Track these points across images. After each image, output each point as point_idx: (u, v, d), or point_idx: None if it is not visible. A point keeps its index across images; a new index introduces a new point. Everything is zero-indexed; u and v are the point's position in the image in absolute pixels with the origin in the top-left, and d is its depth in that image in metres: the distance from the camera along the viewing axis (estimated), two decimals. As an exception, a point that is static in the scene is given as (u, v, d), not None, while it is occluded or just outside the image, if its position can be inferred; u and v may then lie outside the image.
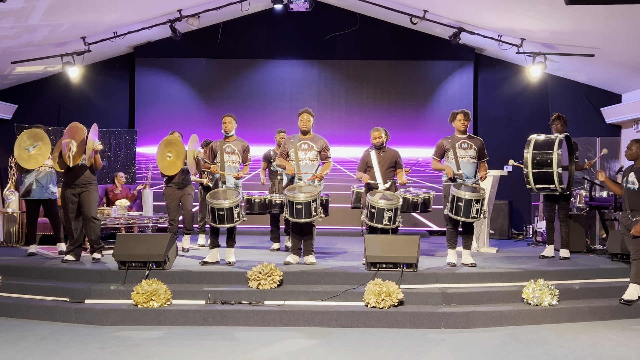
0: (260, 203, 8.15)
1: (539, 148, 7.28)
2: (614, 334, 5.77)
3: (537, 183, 7.32)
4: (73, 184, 7.34)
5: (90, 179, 7.41)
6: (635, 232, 6.29)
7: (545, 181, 7.28)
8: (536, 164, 7.23)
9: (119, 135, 11.27)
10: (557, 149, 7.14)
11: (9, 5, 7.23)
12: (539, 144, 7.32)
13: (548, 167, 7.19)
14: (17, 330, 5.82)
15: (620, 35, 8.08)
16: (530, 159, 7.27)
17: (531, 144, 7.35)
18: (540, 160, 7.22)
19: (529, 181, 7.35)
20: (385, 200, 6.99)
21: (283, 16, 11.20)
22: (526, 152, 7.35)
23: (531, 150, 7.31)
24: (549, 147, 7.19)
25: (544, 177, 7.26)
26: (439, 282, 6.67)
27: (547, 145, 7.24)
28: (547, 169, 7.20)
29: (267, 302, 6.26)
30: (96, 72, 11.29)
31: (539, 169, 7.24)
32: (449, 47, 10.69)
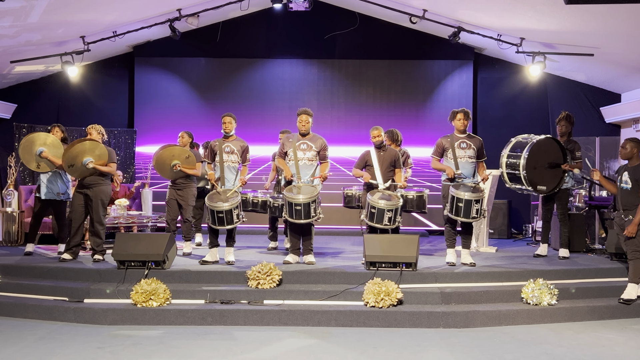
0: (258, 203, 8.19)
1: (513, 149, 7.50)
2: (613, 334, 5.77)
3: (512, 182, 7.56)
4: (81, 183, 7.36)
5: (96, 181, 7.36)
6: (628, 233, 6.29)
7: (516, 181, 7.46)
8: (508, 165, 7.47)
9: (118, 135, 11.27)
10: (525, 152, 7.25)
11: (8, 5, 7.22)
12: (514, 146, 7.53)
13: (515, 169, 7.35)
14: (16, 329, 5.82)
15: (620, 35, 8.08)
16: (504, 160, 7.52)
17: (509, 145, 7.59)
18: (510, 163, 7.43)
19: (504, 180, 7.58)
20: (386, 201, 6.99)
21: (282, 15, 11.19)
22: (503, 152, 7.57)
23: (507, 151, 7.54)
24: (521, 150, 7.34)
25: (515, 178, 7.42)
26: (438, 281, 6.67)
27: (520, 147, 7.40)
28: (515, 171, 7.35)
29: (266, 302, 6.27)
30: (95, 71, 11.29)
31: (510, 170, 7.45)
32: (449, 46, 10.69)
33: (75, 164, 7.19)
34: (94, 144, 7.32)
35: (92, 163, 7.23)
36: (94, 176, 7.34)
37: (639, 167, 6.37)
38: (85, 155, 7.21)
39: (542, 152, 7.34)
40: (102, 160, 7.32)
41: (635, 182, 6.33)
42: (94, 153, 7.27)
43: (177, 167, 7.81)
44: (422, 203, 8.15)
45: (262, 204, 8.29)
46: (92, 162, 7.23)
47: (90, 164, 7.21)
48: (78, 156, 7.19)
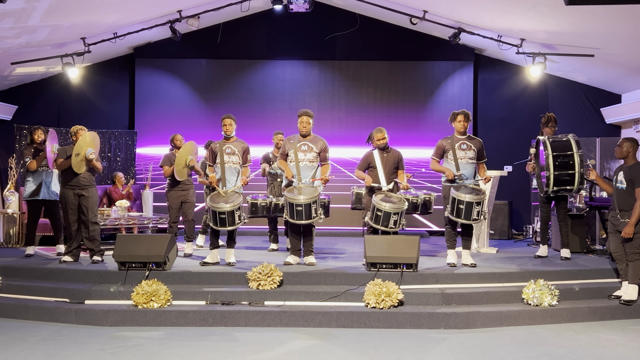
0: (265, 207, 8.13)
1: (557, 150, 7.08)
2: (613, 335, 5.77)
3: (556, 185, 7.13)
4: (71, 184, 7.34)
5: (90, 180, 7.40)
6: (625, 234, 6.29)
7: (564, 183, 7.10)
8: (558, 166, 7.04)
9: (119, 136, 11.28)
10: (576, 150, 7.05)
11: (9, 6, 7.23)
12: (555, 146, 7.12)
13: (571, 168, 7.04)
14: (17, 330, 5.82)
15: (620, 36, 8.08)
16: (552, 161, 7.04)
17: (548, 146, 7.12)
18: (562, 162, 7.03)
19: (549, 184, 7.12)
20: (392, 204, 6.98)
21: (283, 17, 11.19)
22: (546, 153, 7.13)
23: (551, 152, 7.07)
24: (568, 149, 7.04)
25: (565, 179, 7.07)
26: (439, 282, 6.67)
27: (565, 147, 7.06)
28: (570, 170, 7.04)
29: (267, 303, 6.27)
30: (96, 72, 11.30)
31: (561, 171, 7.04)
32: (449, 47, 10.69)
33: (80, 154, 7.18)
34: (93, 136, 7.33)
35: (94, 154, 7.24)
36: (88, 177, 7.33)
37: (634, 167, 6.38)
38: (88, 146, 7.23)
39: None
40: None
41: (630, 182, 6.33)
42: (94, 146, 7.30)
43: (192, 161, 7.81)
44: (429, 205, 8.21)
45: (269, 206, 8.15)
46: (93, 153, 7.24)
47: (91, 155, 7.21)
48: (83, 147, 7.20)
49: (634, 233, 6.26)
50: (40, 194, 7.87)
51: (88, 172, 7.38)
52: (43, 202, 7.93)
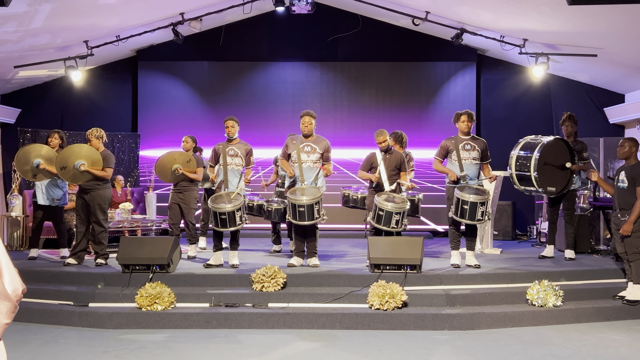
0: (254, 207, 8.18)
1: (524, 149, 7.38)
2: (618, 335, 5.75)
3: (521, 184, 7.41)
4: (81, 188, 7.38)
5: (95, 184, 7.32)
6: (624, 232, 6.29)
7: (526, 183, 7.33)
8: (518, 166, 7.34)
9: (122, 139, 11.29)
10: (536, 153, 7.15)
11: (12, 10, 7.24)
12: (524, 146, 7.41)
13: (526, 170, 7.24)
14: (21, 333, 5.83)
15: (623, 35, 8.07)
16: (513, 161, 7.39)
17: (519, 146, 7.47)
18: (521, 164, 7.30)
19: (513, 181, 7.45)
20: (394, 204, 6.98)
21: (285, 18, 11.20)
22: (512, 152, 7.46)
23: (517, 151, 7.42)
24: (531, 151, 7.24)
25: (525, 179, 7.30)
26: (442, 283, 6.66)
27: (530, 148, 7.30)
28: (526, 172, 7.24)
29: (270, 305, 6.27)
30: (99, 75, 11.31)
31: (519, 171, 7.32)
32: (451, 48, 10.68)
33: (67, 167, 7.14)
34: (84, 147, 7.28)
35: (84, 166, 7.14)
36: (91, 181, 7.31)
37: (636, 167, 6.38)
38: (77, 158, 7.19)
39: (551, 153, 7.26)
40: (96, 165, 7.24)
41: (631, 181, 6.34)
42: (88, 157, 7.22)
43: (178, 170, 7.80)
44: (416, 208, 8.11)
45: (257, 208, 8.26)
46: (83, 164, 7.14)
47: (82, 167, 7.14)
48: (70, 158, 7.16)
49: (633, 231, 6.26)
50: (38, 199, 7.89)
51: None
52: (45, 206, 7.94)
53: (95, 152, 7.28)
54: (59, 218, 8.04)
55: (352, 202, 8.27)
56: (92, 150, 7.27)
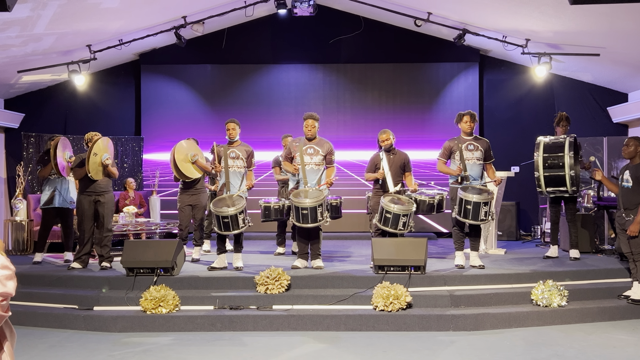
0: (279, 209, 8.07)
1: (549, 151, 7.31)
2: (624, 335, 5.74)
3: (548, 186, 7.35)
4: (89, 191, 7.36)
5: (107, 186, 7.42)
6: (631, 232, 6.27)
7: (556, 184, 7.31)
8: (547, 167, 7.27)
9: (126, 142, 11.31)
10: (568, 151, 7.14)
11: (15, 15, 7.27)
12: (548, 146, 7.35)
13: (560, 169, 7.18)
14: (26, 338, 5.84)
15: (626, 34, 8.05)
16: (541, 162, 7.32)
17: (541, 147, 7.40)
18: (551, 163, 7.24)
19: (540, 184, 7.38)
20: (400, 206, 6.98)
21: (287, 21, 11.21)
22: (536, 155, 7.40)
23: (541, 153, 7.34)
24: (560, 150, 7.19)
25: (556, 179, 7.26)
26: (447, 284, 6.65)
27: (557, 147, 7.25)
28: (559, 171, 7.20)
29: (275, 307, 6.26)
30: (102, 79, 11.33)
31: (550, 172, 7.26)
32: (454, 48, 10.67)
33: (98, 155, 7.19)
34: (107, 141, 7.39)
35: (109, 159, 7.28)
36: (105, 182, 7.35)
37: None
38: (103, 152, 7.25)
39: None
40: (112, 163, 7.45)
41: (636, 181, 6.32)
42: (108, 151, 7.34)
43: (195, 155, 7.78)
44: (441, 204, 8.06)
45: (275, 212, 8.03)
46: (109, 158, 7.29)
47: (108, 160, 7.25)
48: (99, 153, 7.22)
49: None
50: (54, 202, 7.90)
51: (105, 178, 7.39)
52: (58, 209, 7.96)
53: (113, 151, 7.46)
54: (70, 221, 8.07)
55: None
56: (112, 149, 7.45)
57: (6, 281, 2.41)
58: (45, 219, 8.05)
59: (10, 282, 2.41)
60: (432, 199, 7.93)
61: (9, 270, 2.41)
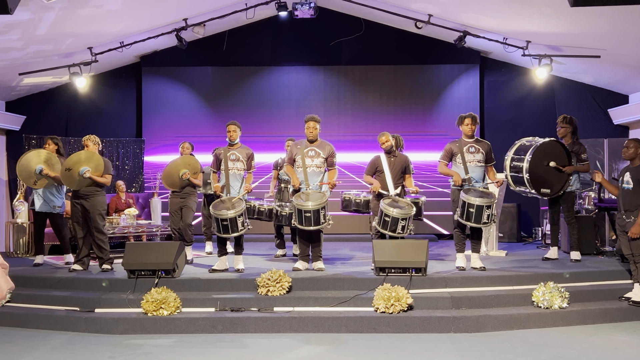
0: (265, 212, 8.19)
1: (517, 152, 7.49)
2: (625, 336, 5.73)
3: (516, 185, 7.54)
4: (75, 195, 7.39)
5: (93, 190, 7.34)
6: (632, 234, 6.27)
7: (520, 184, 7.45)
8: (512, 168, 7.47)
9: (127, 145, 11.32)
10: (528, 155, 7.24)
11: (17, 17, 7.29)
12: (520, 148, 7.52)
13: (519, 171, 7.34)
14: (28, 340, 5.84)
15: (626, 36, 8.06)
16: (508, 162, 7.54)
17: (514, 147, 7.61)
18: (514, 166, 7.43)
19: (509, 183, 7.60)
20: (399, 209, 6.98)
21: (288, 23, 11.23)
22: (507, 154, 7.59)
23: (511, 154, 7.55)
24: (524, 152, 7.34)
25: (519, 180, 7.42)
26: (448, 286, 6.65)
27: (524, 150, 7.39)
28: (519, 173, 7.35)
29: (276, 309, 6.26)
30: (103, 82, 11.35)
31: (514, 173, 7.45)
32: (455, 50, 10.68)
33: (72, 170, 7.20)
34: (90, 154, 7.35)
35: (89, 172, 7.23)
36: (89, 187, 7.33)
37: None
38: (81, 165, 7.24)
39: (546, 155, 7.34)
40: (98, 172, 7.32)
41: (636, 182, 6.32)
42: (90, 163, 7.27)
43: (185, 175, 7.86)
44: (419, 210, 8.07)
45: (268, 212, 8.26)
46: (89, 171, 7.23)
47: (87, 173, 7.22)
48: (76, 164, 7.22)
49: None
50: (36, 206, 7.91)
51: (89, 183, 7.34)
52: (43, 214, 7.97)
53: (99, 159, 7.35)
54: (59, 225, 8.04)
55: (354, 205, 8.23)
56: (91, 155, 7.35)
57: None
58: (35, 222, 8.10)
59: None
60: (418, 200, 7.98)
61: None
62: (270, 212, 8.23)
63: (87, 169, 7.22)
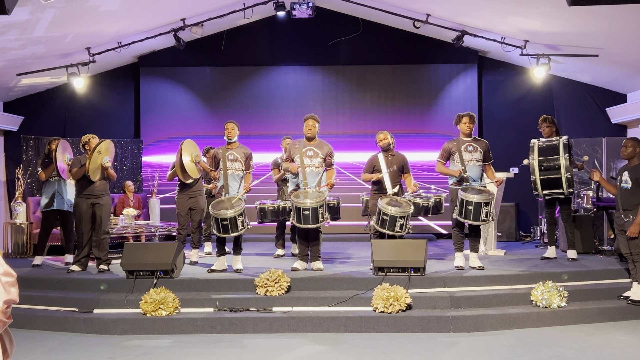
0: (274, 211, 8.14)
1: (543, 153, 7.33)
2: (624, 335, 5.74)
3: (545, 188, 7.38)
4: (86, 193, 7.35)
5: (105, 188, 7.41)
6: (631, 233, 6.27)
7: (552, 186, 7.33)
8: (543, 170, 7.30)
9: (125, 145, 11.31)
10: (562, 153, 7.15)
11: (14, 18, 7.28)
12: (542, 149, 7.38)
13: (556, 172, 7.20)
14: (27, 341, 5.84)
15: (624, 35, 8.06)
16: (537, 165, 7.34)
17: (535, 150, 7.42)
18: (547, 166, 7.26)
19: (536, 187, 7.42)
20: (397, 208, 6.98)
21: (286, 23, 11.22)
22: (531, 158, 7.42)
23: (536, 156, 7.37)
24: (555, 152, 7.20)
25: (552, 182, 7.28)
26: (447, 285, 6.66)
27: (551, 150, 7.26)
28: (556, 174, 7.22)
29: (275, 309, 6.27)
30: (101, 82, 11.34)
31: (546, 175, 7.28)
32: (453, 50, 10.68)
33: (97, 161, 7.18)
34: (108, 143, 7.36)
35: (109, 162, 7.29)
36: (102, 185, 7.33)
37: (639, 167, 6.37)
38: (104, 154, 7.26)
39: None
40: None
41: (635, 182, 6.32)
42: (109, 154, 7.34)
43: (197, 157, 7.73)
44: (439, 205, 8.12)
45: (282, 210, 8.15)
46: (109, 161, 7.29)
47: (107, 163, 7.25)
48: (105, 151, 7.24)
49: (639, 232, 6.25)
50: (54, 204, 7.90)
51: (102, 181, 7.38)
52: (58, 212, 7.96)
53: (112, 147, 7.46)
54: (70, 223, 8.05)
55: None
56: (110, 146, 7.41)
57: (10, 288, 2.41)
58: (45, 222, 8.06)
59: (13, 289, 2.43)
60: (427, 201, 7.96)
61: (11, 277, 2.41)
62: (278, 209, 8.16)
63: (108, 159, 7.28)
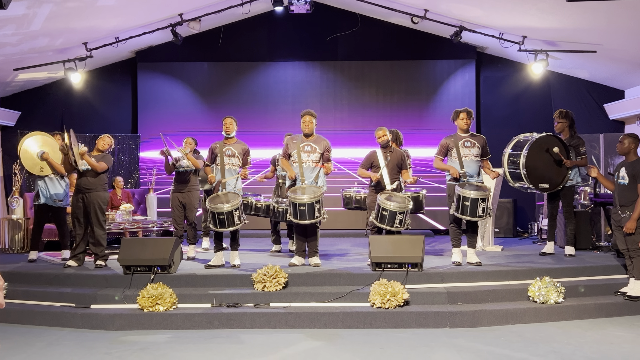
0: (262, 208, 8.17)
1: (515, 148, 7.47)
2: (621, 331, 5.75)
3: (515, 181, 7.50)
4: (77, 189, 7.33)
5: (94, 184, 7.29)
6: (627, 229, 6.28)
7: (517, 179, 7.41)
8: (509, 164, 7.45)
9: (122, 140, 11.29)
10: (525, 150, 7.22)
11: (11, 12, 7.24)
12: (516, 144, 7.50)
13: (517, 167, 7.31)
14: (24, 336, 5.83)
15: (622, 31, 8.06)
16: (506, 158, 7.51)
17: (511, 143, 7.58)
18: (512, 161, 7.40)
19: (507, 179, 7.56)
20: (397, 203, 6.97)
21: (284, 18, 11.19)
22: (504, 150, 7.56)
23: (509, 149, 7.52)
24: (521, 149, 7.30)
25: (516, 175, 7.37)
26: (444, 281, 6.66)
27: (521, 146, 7.37)
28: (516, 168, 7.33)
29: (272, 304, 6.27)
30: (98, 77, 11.30)
31: (511, 169, 7.43)
32: (451, 46, 10.68)
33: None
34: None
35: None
36: (92, 181, 7.26)
37: (636, 163, 6.38)
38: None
39: (543, 150, 7.32)
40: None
41: (632, 178, 6.33)
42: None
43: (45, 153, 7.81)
44: (420, 204, 8.07)
45: (265, 209, 8.24)
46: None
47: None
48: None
49: (636, 228, 6.25)
50: (40, 199, 7.88)
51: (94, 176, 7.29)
52: (48, 207, 7.93)
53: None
54: (62, 219, 8.01)
55: (354, 203, 8.23)
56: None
57: None
58: (37, 216, 8.04)
59: None
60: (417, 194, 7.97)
61: None
62: (268, 208, 8.22)
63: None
